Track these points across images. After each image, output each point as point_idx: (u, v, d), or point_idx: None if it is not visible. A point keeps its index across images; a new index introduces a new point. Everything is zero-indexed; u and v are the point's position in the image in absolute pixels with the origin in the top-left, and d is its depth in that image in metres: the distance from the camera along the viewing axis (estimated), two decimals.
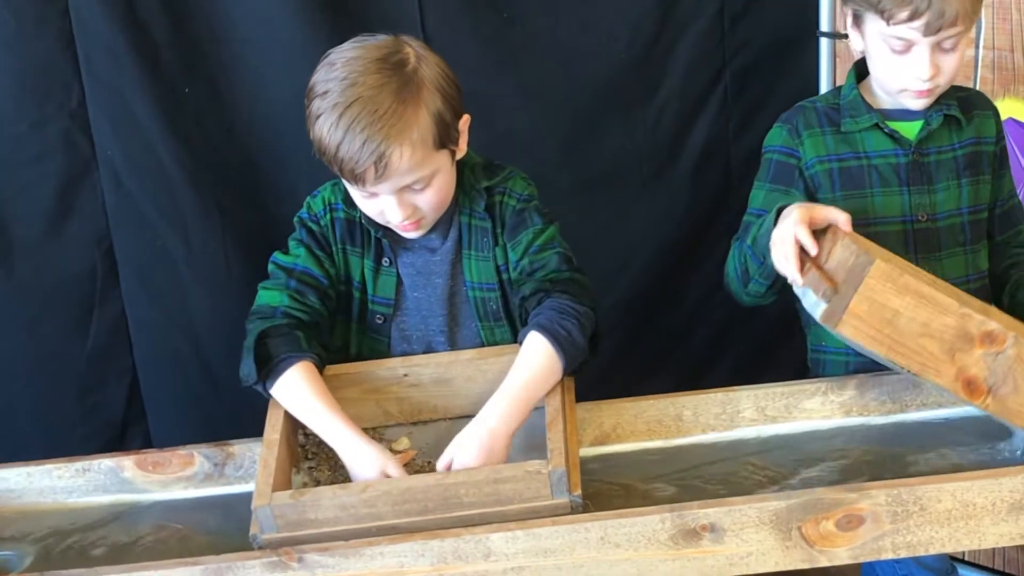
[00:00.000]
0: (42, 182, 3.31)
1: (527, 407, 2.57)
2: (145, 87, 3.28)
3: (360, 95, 2.51)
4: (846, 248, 2.40)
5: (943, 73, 2.61)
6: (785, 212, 2.48)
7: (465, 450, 2.50)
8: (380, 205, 2.62)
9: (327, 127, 2.52)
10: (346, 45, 2.62)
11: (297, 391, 2.60)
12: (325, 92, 2.54)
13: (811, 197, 2.72)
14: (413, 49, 2.61)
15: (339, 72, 2.55)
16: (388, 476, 2.50)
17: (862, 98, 2.73)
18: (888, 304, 2.36)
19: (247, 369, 2.63)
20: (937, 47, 2.58)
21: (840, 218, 2.43)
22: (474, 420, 2.55)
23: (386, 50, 2.59)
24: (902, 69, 2.61)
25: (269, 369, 2.61)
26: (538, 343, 2.59)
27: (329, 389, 2.64)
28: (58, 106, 3.27)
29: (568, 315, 2.61)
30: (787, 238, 2.44)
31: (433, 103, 2.56)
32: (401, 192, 2.59)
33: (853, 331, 2.38)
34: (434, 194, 2.62)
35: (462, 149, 2.68)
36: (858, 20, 2.65)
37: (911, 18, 2.52)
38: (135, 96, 3.28)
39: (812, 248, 2.43)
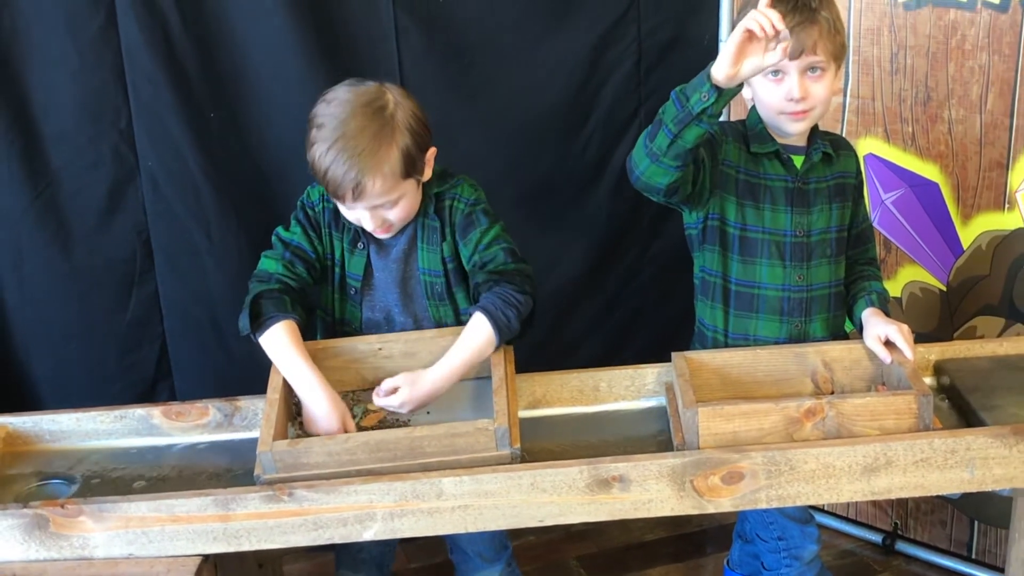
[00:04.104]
0: (95, 185, 3.30)
1: (462, 373, 2.61)
2: (179, 111, 3.26)
3: (344, 133, 2.52)
4: (682, 405, 2.48)
5: (812, 97, 2.59)
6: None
7: (401, 392, 2.57)
8: (357, 215, 2.63)
9: (319, 154, 2.53)
10: (341, 87, 2.61)
11: (278, 344, 2.60)
12: (321, 125, 2.54)
13: (715, 149, 2.67)
14: (393, 96, 2.59)
15: (333, 110, 2.55)
16: (343, 427, 2.55)
17: (767, 130, 2.70)
18: (725, 431, 2.41)
19: (243, 322, 2.64)
20: (805, 73, 2.57)
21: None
22: (420, 372, 2.59)
23: (371, 96, 2.57)
24: (778, 93, 2.59)
25: (259, 324, 2.62)
26: (481, 323, 2.60)
27: (319, 359, 2.64)
28: (110, 124, 3.25)
29: (510, 304, 2.61)
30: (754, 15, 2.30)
31: (403, 142, 2.55)
32: (374, 209, 2.60)
33: None
34: (399, 211, 2.63)
35: (427, 175, 2.68)
36: None
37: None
38: (171, 119, 3.27)
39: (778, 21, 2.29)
